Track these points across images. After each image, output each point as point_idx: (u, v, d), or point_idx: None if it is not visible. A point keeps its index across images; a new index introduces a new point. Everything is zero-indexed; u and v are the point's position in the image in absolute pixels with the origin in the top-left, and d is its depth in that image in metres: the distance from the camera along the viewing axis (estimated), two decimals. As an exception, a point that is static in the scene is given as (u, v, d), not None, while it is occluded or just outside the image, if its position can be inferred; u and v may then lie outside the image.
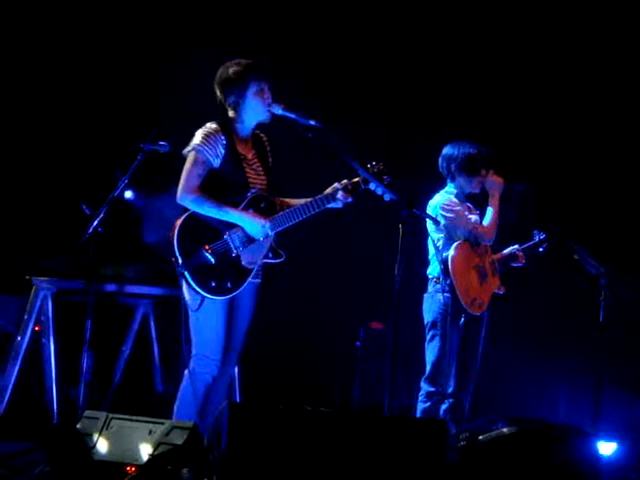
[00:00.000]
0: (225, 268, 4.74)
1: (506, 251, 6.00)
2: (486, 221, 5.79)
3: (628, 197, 7.25)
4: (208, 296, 4.71)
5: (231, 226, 4.78)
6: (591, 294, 5.96)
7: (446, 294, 5.58)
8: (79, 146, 7.15)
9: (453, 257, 5.60)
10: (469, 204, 5.90)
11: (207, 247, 4.71)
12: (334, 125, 4.67)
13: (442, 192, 5.83)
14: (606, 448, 6.00)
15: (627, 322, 6.73)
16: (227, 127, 4.85)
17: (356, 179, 4.83)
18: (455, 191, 5.82)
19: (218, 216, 4.75)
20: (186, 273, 4.67)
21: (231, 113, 4.87)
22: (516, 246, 6.03)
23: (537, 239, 6.08)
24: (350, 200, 4.85)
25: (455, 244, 5.64)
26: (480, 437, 4.51)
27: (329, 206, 4.85)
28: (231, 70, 4.85)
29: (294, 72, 6.71)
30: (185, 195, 4.75)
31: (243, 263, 4.80)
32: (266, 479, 3.90)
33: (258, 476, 3.90)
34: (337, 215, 5.00)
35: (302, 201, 4.89)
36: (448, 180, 5.85)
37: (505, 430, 4.49)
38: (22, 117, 7.22)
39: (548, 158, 7.27)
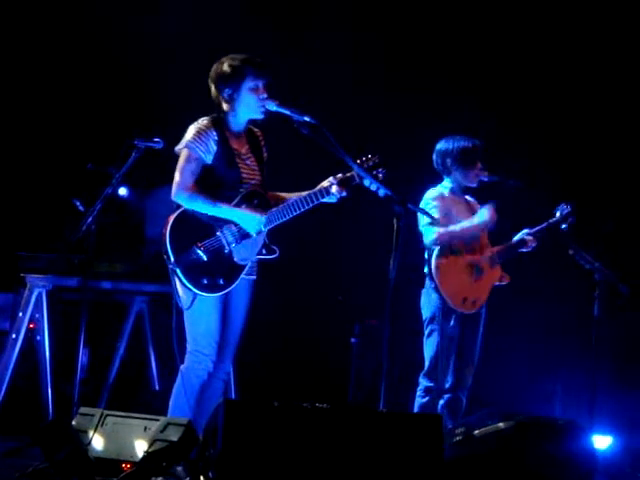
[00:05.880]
0: (217, 265, 4.72)
1: (515, 238, 5.87)
2: (452, 226, 5.62)
3: (625, 191, 7.25)
4: (200, 293, 4.70)
5: (224, 222, 4.76)
6: (586, 289, 5.95)
7: (437, 294, 5.57)
8: (72, 142, 7.12)
9: (436, 266, 5.56)
10: (468, 197, 5.87)
11: (199, 244, 4.70)
12: (329, 119, 4.65)
13: (437, 186, 5.79)
14: (601, 442, 6.01)
15: (623, 317, 6.73)
16: (220, 122, 4.83)
17: (350, 172, 4.79)
18: (451, 185, 5.77)
19: (212, 212, 4.73)
20: (178, 270, 4.66)
21: (225, 106, 4.85)
22: (525, 230, 5.88)
23: (563, 213, 5.87)
24: (345, 194, 4.81)
25: (434, 253, 5.57)
26: (476, 432, 4.51)
27: (324, 200, 4.82)
28: (227, 64, 4.82)
29: (287, 67, 6.69)
30: (179, 192, 4.74)
31: (235, 259, 4.79)
32: (262, 476, 3.90)
33: (254, 473, 3.89)
34: (332, 210, 4.98)
35: (296, 195, 4.87)
36: (444, 175, 5.81)
37: (501, 425, 4.49)
38: (15, 114, 7.20)
39: (543, 153, 7.26)
